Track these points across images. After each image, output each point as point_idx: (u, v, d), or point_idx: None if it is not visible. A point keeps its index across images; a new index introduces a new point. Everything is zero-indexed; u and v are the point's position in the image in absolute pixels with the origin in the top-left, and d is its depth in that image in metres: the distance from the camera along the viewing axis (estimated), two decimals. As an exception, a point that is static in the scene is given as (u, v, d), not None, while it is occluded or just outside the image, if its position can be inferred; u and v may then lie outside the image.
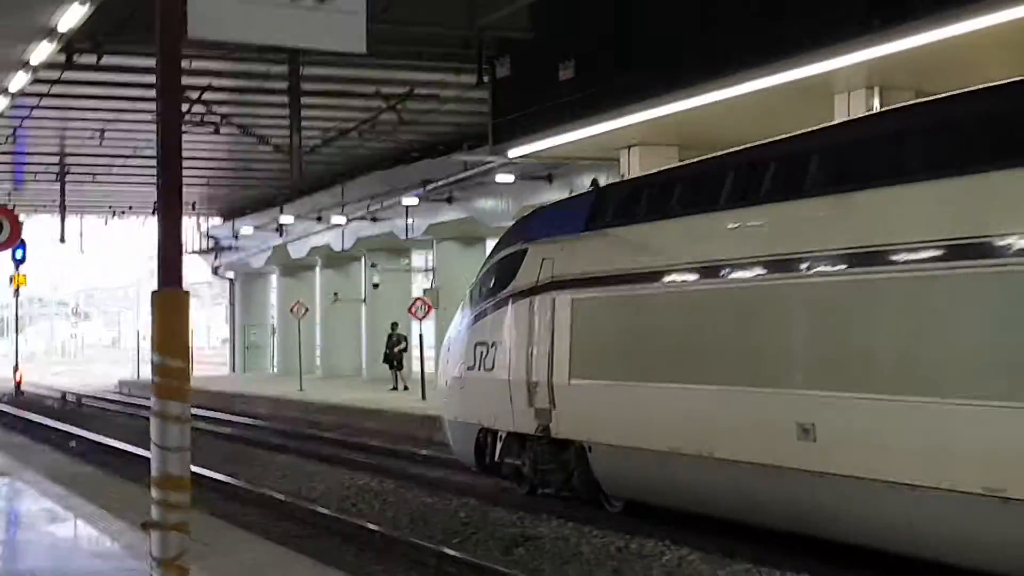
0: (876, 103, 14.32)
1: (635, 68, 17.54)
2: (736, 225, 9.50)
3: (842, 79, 14.39)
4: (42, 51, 14.95)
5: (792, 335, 8.95)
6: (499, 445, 12.95)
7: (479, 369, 13.04)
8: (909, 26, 12.75)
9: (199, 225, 51.87)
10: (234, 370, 50.93)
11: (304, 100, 19.36)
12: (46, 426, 26.21)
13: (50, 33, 13.95)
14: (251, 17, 5.09)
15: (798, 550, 9.49)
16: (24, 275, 31.64)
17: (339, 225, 36.39)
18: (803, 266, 8.76)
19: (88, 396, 37.95)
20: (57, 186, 34.36)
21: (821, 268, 8.60)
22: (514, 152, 20.74)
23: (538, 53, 19.05)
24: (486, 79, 20.59)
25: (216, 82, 20.36)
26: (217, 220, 50.06)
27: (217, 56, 19.63)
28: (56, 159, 32.45)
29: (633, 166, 20.09)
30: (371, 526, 12.14)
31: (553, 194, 26.56)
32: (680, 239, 10.27)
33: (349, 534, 12.13)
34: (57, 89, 21.48)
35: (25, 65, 15.55)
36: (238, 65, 19.90)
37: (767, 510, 9.33)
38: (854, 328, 8.35)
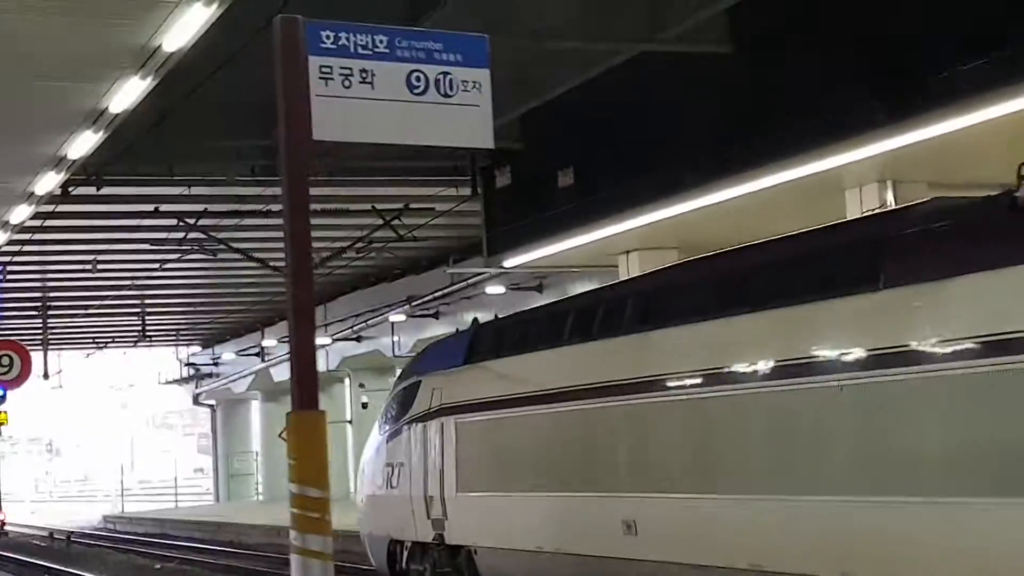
0: (890, 197, 14.37)
1: (635, 173, 17.58)
2: (572, 358, 12.07)
3: (852, 174, 14.45)
4: (48, 181, 14.65)
5: (614, 448, 11.36)
6: (406, 554, 15.26)
7: (387, 487, 15.52)
8: (917, 120, 12.86)
9: (176, 354, 51.49)
10: (218, 499, 50.09)
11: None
12: (40, 566, 25.60)
13: (58, 163, 13.68)
14: (375, 117, 4.97)
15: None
16: (5, 413, 31.09)
17: (324, 346, 36.15)
18: (618, 392, 11.20)
19: (75, 533, 37.17)
20: (38, 321, 33.99)
21: (630, 394, 11.05)
22: (510, 263, 20.68)
23: (535, 161, 19.08)
24: (479, 191, 20.63)
25: (211, 207, 20.27)
26: (196, 348, 49.70)
27: (212, 182, 19.60)
28: (38, 293, 32.15)
29: (632, 271, 20.06)
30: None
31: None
32: (532, 370, 12.75)
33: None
34: (48, 222, 21.34)
35: (29, 196, 15.25)
36: (233, 189, 19.87)
37: None
38: (656, 441, 10.83)
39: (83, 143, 13.11)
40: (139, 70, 11.25)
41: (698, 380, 10.27)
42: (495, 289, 26.14)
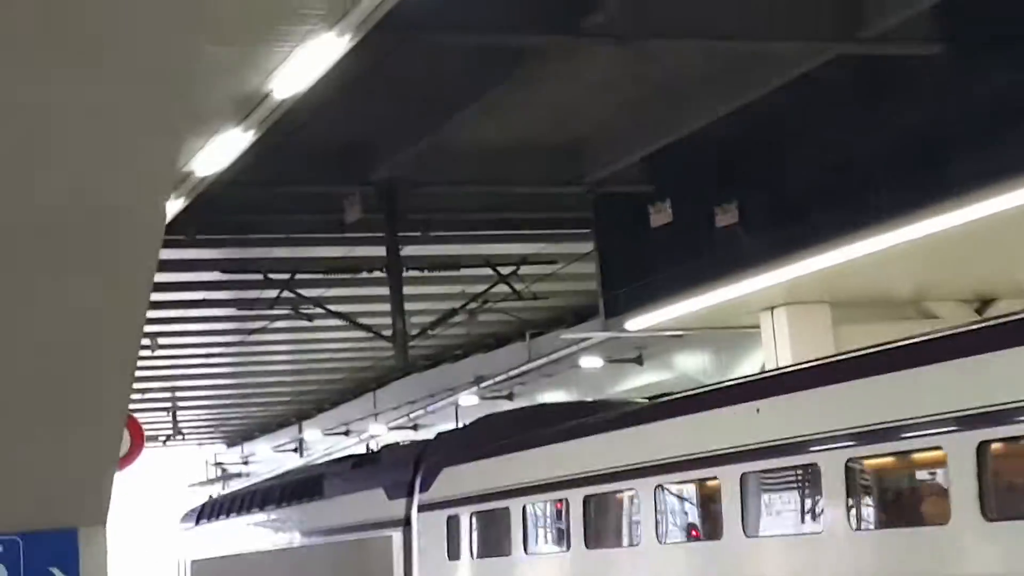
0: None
1: (799, 213, 15.20)
2: (233, 526, 22.27)
3: None
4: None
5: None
6: None
7: None
8: None
9: (202, 454, 48.48)
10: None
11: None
12: None
13: (181, 182, 10.43)
14: None
15: None
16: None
17: (375, 436, 33.27)
18: (250, 546, 21.30)
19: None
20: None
21: (257, 548, 20.94)
22: (634, 324, 17.99)
23: (686, 203, 16.42)
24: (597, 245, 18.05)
25: (303, 267, 17.50)
26: (221, 447, 46.67)
27: (303, 242, 16.96)
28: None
29: (780, 330, 17.43)
30: None
31: (644, 378, 23.58)
32: (218, 532, 23.10)
33: None
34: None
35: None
36: (327, 250, 17.23)
37: None
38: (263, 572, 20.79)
39: (229, 144, 9.82)
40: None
41: (272, 542, 20.09)
42: (592, 362, 23.25)
